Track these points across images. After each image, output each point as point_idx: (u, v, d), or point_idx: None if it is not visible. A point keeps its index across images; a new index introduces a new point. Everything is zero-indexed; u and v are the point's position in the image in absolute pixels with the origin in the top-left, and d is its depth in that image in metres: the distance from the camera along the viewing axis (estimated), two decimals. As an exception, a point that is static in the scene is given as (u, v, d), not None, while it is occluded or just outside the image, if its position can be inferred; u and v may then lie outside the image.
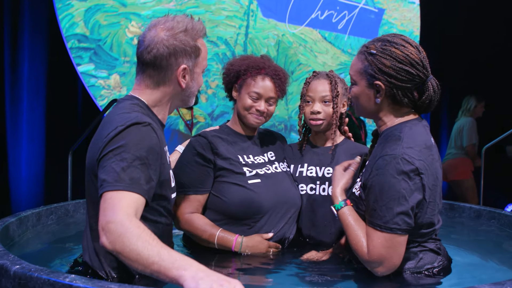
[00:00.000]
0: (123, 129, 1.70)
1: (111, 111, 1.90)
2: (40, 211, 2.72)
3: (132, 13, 4.14)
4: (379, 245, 1.86)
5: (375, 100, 1.98)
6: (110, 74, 4.07)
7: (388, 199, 1.83)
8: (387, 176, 1.83)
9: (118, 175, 1.61)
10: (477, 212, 3.03)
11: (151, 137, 1.75)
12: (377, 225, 1.85)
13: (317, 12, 5.13)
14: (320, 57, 5.15)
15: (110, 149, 1.67)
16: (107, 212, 1.55)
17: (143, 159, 1.69)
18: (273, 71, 2.42)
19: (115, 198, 1.58)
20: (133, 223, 1.52)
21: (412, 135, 1.91)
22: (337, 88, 2.43)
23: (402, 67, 1.91)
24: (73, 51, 3.96)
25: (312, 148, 2.55)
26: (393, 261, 1.87)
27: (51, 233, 2.63)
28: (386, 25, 5.53)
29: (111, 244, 1.51)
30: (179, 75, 1.90)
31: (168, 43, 1.86)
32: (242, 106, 2.40)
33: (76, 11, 3.92)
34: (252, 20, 4.76)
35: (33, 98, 4.35)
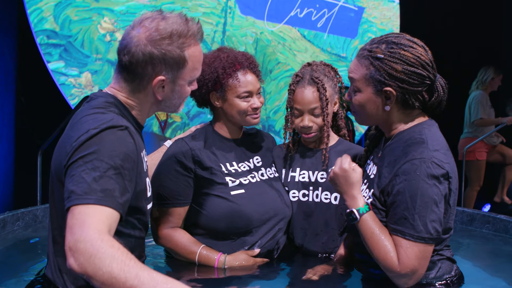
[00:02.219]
0: (96, 133, 1.52)
1: (82, 110, 1.69)
2: (5, 217, 2.59)
3: (105, 9, 3.99)
4: (413, 256, 1.75)
5: (384, 108, 1.87)
6: (81, 72, 3.92)
7: (421, 207, 1.73)
8: (419, 182, 1.73)
9: (89, 186, 1.43)
10: (470, 216, 2.98)
11: (127, 142, 1.57)
12: (409, 235, 1.74)
13: (296, 9, 5.04)
14: (299, 55, 5.07)
15: (80, 156, 1.48)
16: (75, 230, 1.37)
17: (118, 168, 1.50)
18: (246, 60, 2.27)
19: (84, 213, 1.40)
20: (105, 242, 1.34)
21: (434, 137, 1.83)
22: (325, 94, 2.27)
23: (415, 71, 1.81)
24: (43, 47, 3.80)
25: (304, 150, 2.43)
26: (422, 272, 1.78)
27: (17, 243, 2.50)
28: (365, 23, 5.47)
29: (80, 267, 1.33)
30: (155, 86, 1.71)
31: (145, 49, 1.66)
32: (236, 111, 2.24)
33: (45, 6, 3.75)
34: (230, 17, 4.65)
35: (2, 94, 4.19)
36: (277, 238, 2.30)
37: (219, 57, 2.24)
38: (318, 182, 2.34)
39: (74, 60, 3.89)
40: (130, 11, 4.06)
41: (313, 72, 2.31)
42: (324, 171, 2.34)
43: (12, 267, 2.17)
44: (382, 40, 1.88)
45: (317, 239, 2.32)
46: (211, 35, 4.54)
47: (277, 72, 4.97)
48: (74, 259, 1.34)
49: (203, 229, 2.23)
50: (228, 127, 2.33)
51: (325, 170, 2.35)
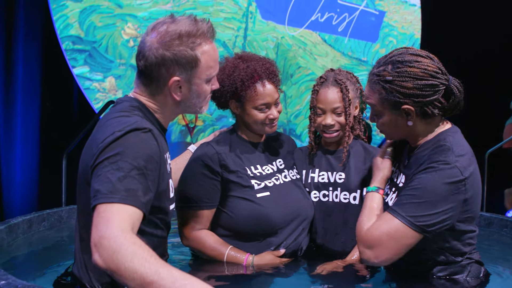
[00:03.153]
0: (121, 135, 1.57)
1: (108, 113, 1.75)
2: (31, 218, 2.64)
3: (128, 15, 4.07)
4: (385, 229, 1.80)
5: (407, 123, 1.91)
6: (105, 76, 3.99)
7: (425, 199, 1.76)
8: (435, 179, 1.76)
9: (113, 186, 1.48)
10: (488, 220, 2.96)
11: (150, 144, 1.62)
12: (400, 215, 1.78)
13: (317, 14, 5.06)
14: (320, 60, 5.08)
15: (105, 157, 1.54)
16: (100, 227, 1.42)
17: (141, 169, 1.55)
18: (265, 70, 2.27)
19: (109, 212, 1.45)
20: (128, 239, 1.39)
21: (459, 143, 1.86)
22: (348, 95, 2.31)
23: (425, 83, 1.83)
24: (68, 53, 3.88)
25: (323, 152, 2.46)
26: (386, 251, 1.81)
27: (42, 242, 2.55)
28: (386, 27, 5.47)
29: (104, 262, 1.38)
30: (171, 87, 1.75)
31: (157, 52, 1.70)
32: (253, 121, 2.28)
33: (71, 12, 3.84)
34: (251, 22, 4.69)
35: (28, 100, 4.28)
36: (300, 238, 2.33)
37: (238, 67, 2.24)
38: (337, 182, 2.37)
39: (99, 65, 3.96)
40: (152, 17, 4.13)
41: (336, 75, 2.36)
42: (342, 172, 2.37)
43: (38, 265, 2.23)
44: (387, 61, 1.90)
45: (337, 238, 2.35)
46: (232, 40, 4.58)
47: (298, 77, 4.99)
48: (99, 255, 1.39)
49: (229, 230, 2.26)
50: (248, 133, 2.37)
51: (343, 171, 2.37)
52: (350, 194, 2.35)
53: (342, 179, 2.36)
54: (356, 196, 2.34)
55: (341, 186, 2.36)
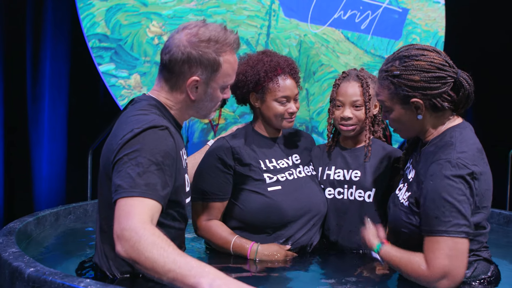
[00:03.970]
0: (139, 132, 1.66)
1: (127, 111, 1.85)
2: (58, 211, 2.72)
3: (153, 13, 4.13)
4: (442, 255, 1.75)
5: (417, 117, 1.93)
6: (130, 74, 4.07)
7: (449, 204, 1.75)
8: (444, 180, 1.77)
9: (133, 181, 1.57)
10: (507, 218, 2.95)
11: (167, 141, 1.70)
12: (443, 232, 1.75)
13: (339, 12, 5.06)
14: (343, 57, 5.09)
15: (125, 153, 1.63)
16: (121, 219, 1.52)
17: (159, 164, 1.64)
18: (287, 65, 2.34)
19: (130, 205, 1.54)
20: (147, 230, 1.48)
21: (463, 139, 1.87)
22: (368, 90, 2.35)
23: (432, 75, 1.86)
24: (94, 50, 3.96)
25: (341, 150, 2.49)
26: (458, 271, 1.76)
27: (69, 234, 2.64)
28: (410, 25, 5.44)
29: (126, 253, 1.48)
30: (189, 86, 1.83)
31: (185, 49, 1.80)
32: (273, 114, 2.33)
33: (97, 11, 3.92)
34: (274, 20, 4.72)
35: (55, 96, 4.38)
36: (310, 233, 2.36)
37: (263, 60, 2.33)
38: (352, 180, 2.40)
39: (124, 62, 4.04)
40: (177, 15, 4.19)
41: (359, 72, 2.41)
42: (358, 170, 2.39)
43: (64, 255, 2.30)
44: (394, 57, 1.95)
45: (351, 235, 2.38)
46: (255, 37, 4.62)
47: (321, 74, 5.00)
48: (121, 246, 1.48)
49: (240, 222, 2.32)
50: (266, 127, 2.42)
51: (359, 169, 2.39)
52: (365, 192, 2.37)
53: (357, 177, 2.39)
54: (371, 195, 2.36)
55: (357, 184, 2.38)
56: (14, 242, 1.94)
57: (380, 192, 2.37)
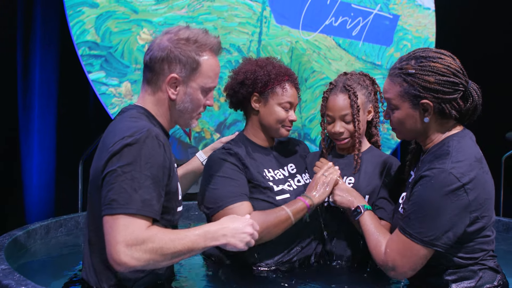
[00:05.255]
0: (132, 142, 1.65)
1: (116, 120, 1.85)
2: (49, 224, 2.67)
3: (144, 20, 4.09)
4: (397, 249, 1.84)
5: (423, 120, 1.91)
6: (121, 82, 4.01)
7: (427, 212, 1.78)
8: (431, 190, 1.78)
9: (130, 197, 1.58)
10: (506, 225, 2.94)
11: (160, 152, 1.70)
12: (407, 233, 1.82)
13: (331, 18, 5.05)
14: (334, 64, 5.07)
15: (118, 165, 1.62)
16: (123, 234, 1.56)
17: (154, 178, 1.65)
18: (292, 74, 2.35)
19: (127, 221, 1.58)
20: (149, 233, 1.60)
21: (461, 148, 1.86)
22: (357, 102, 2.31)
23: (447, 79, 1.85)
24: (84, 58, 3.90)
25: (336, 156, 2.46)
26: (404, 270, 1.85)
27: (60, 247, 2.58)
28: (401, 31, 5.45)
29: (138, 260, 1.57)
30: (168, 83, 1.85)
31: (164, 48, 1.83)
32: (274, 119, 2.29)
33: (87, 18, 3.87)
34: (265, 26, 4.69)
35: (44, 105, 4.31)
36: (314, 243, 2.33)
37: (272, 63, 2.32)
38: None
39: (114, 70, 3.99)
40: (168, 22, 4.14)
41: (346, 81, 2.36)
42: (352, 177, 2.37)
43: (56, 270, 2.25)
44: (410, 56, 1.92)
45: (345, 243, 2.35)
46: (247, 44, 4.59)
47: (312, 81, 4.98)
48: (131, 257, 1.56)
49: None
50: (260, 136, 2.37)
51: (353, 176, 2.37)
52: None
53: (351, 183, 2.36)
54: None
55: None
56: (3, 259, 1.89)
57: (373, 199, 2.34)
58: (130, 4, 4.02)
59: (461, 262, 1.87)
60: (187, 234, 1.66)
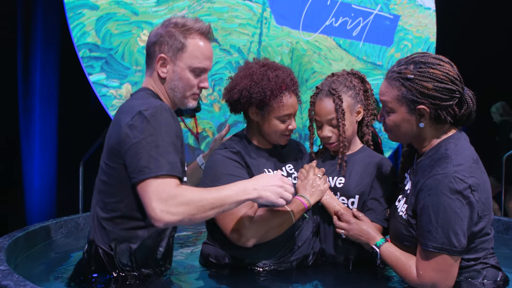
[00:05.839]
0: (149, 115, 1.80)
1: (128, 101, 2.01)
2: (49, 225, 2.67)
3: (144, 22, 4.10)
4: (430, 267, 1.82)
5: (419, 125, 1.91)
6: (121, 83, 4.02)
7: (444, 220, 1.78)
8: (441, 196, 1.78)
9: (158, 162, 1.74)
10: (506, 224, 2.94)
11: (176, 123, 1.87)
12: (432, 247, 1.80)
13: (331, 19, 5.05)
14: (335, 64, 5.07)
15: (142, 137, 1.78)
16: (159, 193, 1.71)
17: (174, 144, 1.82)
18: (291, 81, 2.29)
19: (162, 183, 1.73)
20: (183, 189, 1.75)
21: (459, 151, 1.86)
22: (341, 106, 2.28)
23: (445, 86, 1.85)
24: (85, 60, 3.91)
25: (328, 157, 2.46)
26: (445, 283, 1.83)
27: (60, 249, 2.58)
28: (401, 31, 5.44)
29: (178, 215, 1.70)
30: (158, 63, 2.01)
31: (156, 33, 2.02)
32: (273, 131, 2.29)
33: (87, 20, 3.87)
34: (266, 27, 4.69)
35: (45, 107, 4.32)
36: (311, 242, 2.33)
37: (267, 76, 2.25)
38: (336, 187, 2.37)
39: (115, 72, 3.99)
40: (168, 23, 4.15)
41: (332, 84, 2.34)
42: (342, 177, 2.36)
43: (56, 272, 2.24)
44: (409, 61, 1.92)
45: (337, 243, 2.35)
46: (247, 45, 4.59)
47: (313, 82, 4.98)
48: (171, 214, 1.71)
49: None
50: (260, 139, 2.38)
51: (343, 176, 2.36)
52: (348, 199, 2.34)
53: (341, 183, 2.36)
54: (354, 202, 2.33)
55: (340, 190, 2.36)
56: (3, 260, 1.89)
57: (363, 200, 2.34)
58: (130, 6, 4.02)
59: (465, 263, 1.88)
60: (218, 189, 1.81)
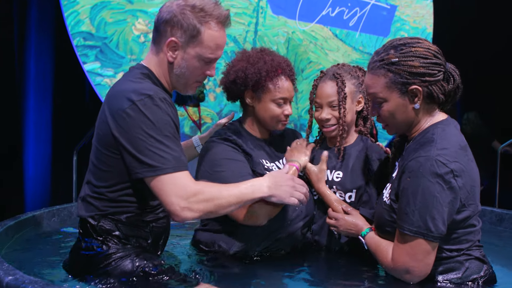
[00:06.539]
0: (143, 105, 1.73)
1: (120, 80, 1.92)
2: (41, 214, 2.66)
3: (139, 10, 4.07)
4: (404, 251, 1.80)
5: (414, 106, 1.90)
6: (116, 72, 4.00)
7: (421, 203, 1.75)
8: (421, 179, 1.75)
9: (163, 158, 1.72)
10: (499, 216, 2.93)
11: (170, 112, 1.80)
12: (407, 230, 1.78)
13: (328, 8, 5.02)
14: (331, 54, 5.05)
15: (141, 132, 1.72)
16: (175, 191, 1.72)
17: (173, 135, 1.78)
18: (287, 66, 2.31)
19: (171, 180, 1.73)
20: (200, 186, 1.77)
21: (445, 136, 1.84)
22: (344, 89, 2.29)
23: (431, 61, 1.84)
24: (79, 49, 3.89)
25: (326, 150, 2.45)
26: (419, 269, 1.81)
27: (53, 237, 2.57)
28: (398, 22, 5.42)
29: (202, 211, 1.74)
30: (168, 46, 1.90)
31: (171, 11, 1.88)
32: (269, 115, 2.29)
33: (81, 8, 3.84)
34: (262, 17, 4.67)
35: (40, 96, 4.30)
36: (303, 233, 2.33)
37: (264, 58, 2.27)
38: (334, 181, 2.36)
39: (110, 61, 3.97)
40: (163, 12, 4.12)
41: (337, 69, 2.35)
42: (340, 171, 2.35)
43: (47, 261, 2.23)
44: (387, 47, 1.91)
45: (333, 235, 2.35)
46: (243, 35, 4.57)
47: (309, 71, 4.96)
48: (192, 211, 1.74)
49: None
50: (257, 127, 2.37)
51: (341, 170, 2.35)
52: (346, 193, 2.34)
53: (339, 177, 2.36)
54: (352, 195, 2.33)
55: (337, 184, 2.35)
56: (-7, 248, 1.89)
57: (361, 193, 2.33)
58: (125, -6, 4.00)
59: (447, 253, 1.86)
60: (235, 187, 1.84)
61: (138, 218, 1.91)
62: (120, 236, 1.88)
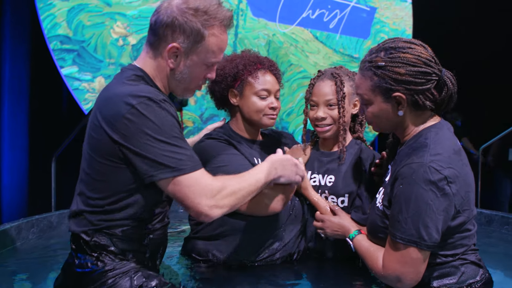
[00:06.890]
0: (145, 108, 1.63)
1: (113, 83, 1.79)
2: (20, 224, 2.56)
3: (117, 13, 3.99)
4: (395, 259, 1.76)
5: (397, 113, 1.84)
6: (94, 76, 3.91)
7: (414, 211, 1.70)
8: (414, 186, 1.70)
9: (176, 159, 1.64)
10: (488, 217, 2.92)
11: (172, 113, 1.71)
12: (399, 238, 1.72)
13: (308, 11, 5.00)
14: (312, 57, 5.03)
15: (147, 137, 1.63)
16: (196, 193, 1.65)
17: (180, 135, 1.70)
18: (267, 61, 2.31)
19: (189, 181, 1.66)
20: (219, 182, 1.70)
21: (439, 140, 1.78)
22: (343, 89, 2.26)
23: (418, 70, 1.77)
24: (56, 52, 3.79)
25: (318, 154, 2.41)
26: (410, 277, 1.76)
27: (32, 249, 2.48)
28: (378, 23, 5.43)
29: (226, 208, 1.70)
30: (169, 52, 1.77)
31: (171, 13, 1.74)
32: (253, 110, 2.24)
33: (58, 11, 3.75)
34: (242, 19, 4.62)
35: (15, 101, 4.19)
36: (297, 241, 2.29)
37: (242, 55, 2.30)
38: (326, 185, 2.32)
39: (88, 65, 3.88)
40: (142, 15, 4.05)
41: (335, 70, 2.33)
42: (333, 175, 2.31)
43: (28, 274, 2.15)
44: (379, 48, 1.85)
45: (326, 242, 2.31)
46: (223, 38, 4.52)
47: (290, 74, 4.93)
48: (220, 208, 1.69)
49: (231, 224, 2.18)
50: (246, 128, 2.33)
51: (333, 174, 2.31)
52: (338, 198, 2.30)
53: (331, 182, 2.32)
54: (345, 200, 2.29)
55: (329, 189, 2.31)
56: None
57: (353, 198, 2.29)
58: (102, -3, 3.91)
59: (442, 259, 1.82)
60: (250, 173, 1.81)
61: (134, 231, 1.78)
62: (116, 251, 1.75)
